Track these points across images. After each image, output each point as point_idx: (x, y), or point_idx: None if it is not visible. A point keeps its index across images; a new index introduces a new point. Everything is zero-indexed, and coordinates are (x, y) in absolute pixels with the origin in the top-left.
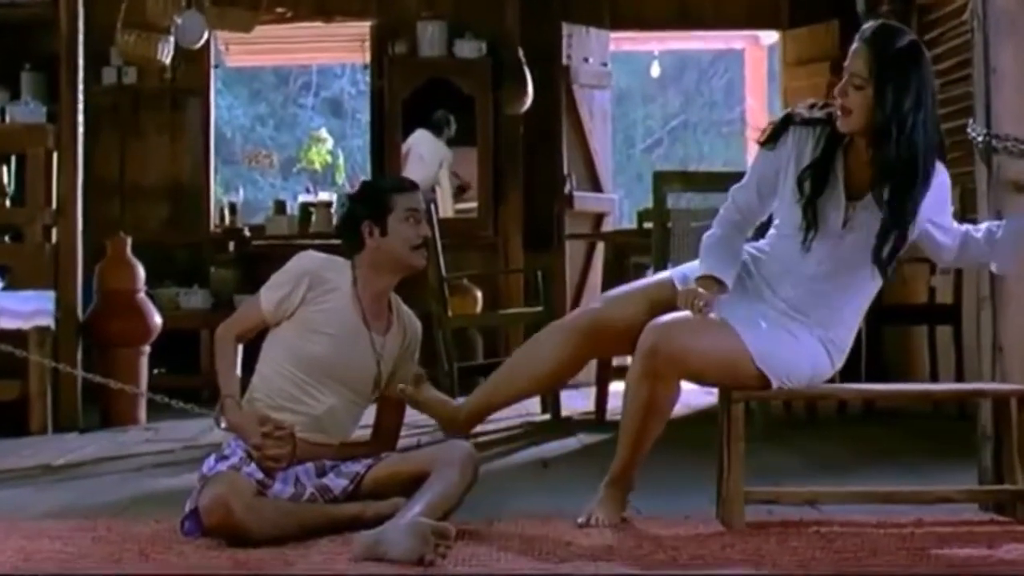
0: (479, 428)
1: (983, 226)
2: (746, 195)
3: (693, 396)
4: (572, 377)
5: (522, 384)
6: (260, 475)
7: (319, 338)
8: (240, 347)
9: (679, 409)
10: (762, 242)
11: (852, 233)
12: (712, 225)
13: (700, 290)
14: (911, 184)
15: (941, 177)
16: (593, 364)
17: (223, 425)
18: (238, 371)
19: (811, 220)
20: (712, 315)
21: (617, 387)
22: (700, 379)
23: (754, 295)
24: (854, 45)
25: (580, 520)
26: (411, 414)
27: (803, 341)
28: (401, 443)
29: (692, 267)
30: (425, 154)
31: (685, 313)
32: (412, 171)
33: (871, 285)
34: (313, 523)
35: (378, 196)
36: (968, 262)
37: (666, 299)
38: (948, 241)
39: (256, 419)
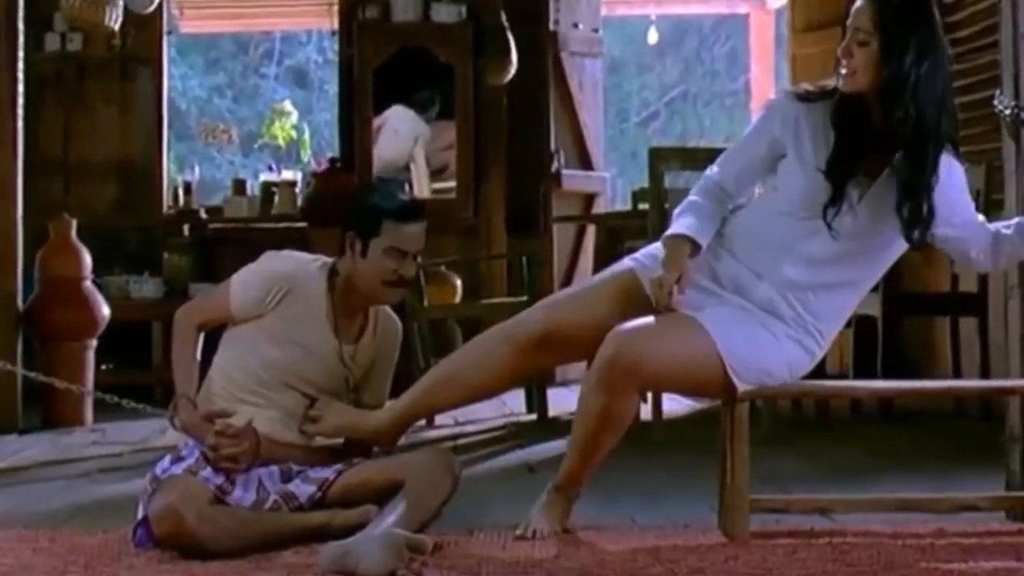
0: (458, 430)
1: (1013, 221)
2: (735, 168)
3: None
4: (508, 389)
5: (460, 393)
6: (219, 480)
7: (285, 345)
8: (200, 337)
9: (677, 408)
10: (735, 225)
11: (869, 210)
12: (689, 194)
13: (666, 276)
14: (924, 142)
15: (953, 172)
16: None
17: (178, 426)
18: (196, 364)
19: (838, 195)
20: (680, 301)
21: None
22: (662, 390)
23: (731, 287)
24: (857, 3)
25: (518, 532)
26: None
27: (781, 340)
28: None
29: (651, 251)
30: (400, 128)
31: (648, 320)
32: (384, 147)
33: (877, 268)
34: (276, 533)
35: (369, 214)
36: (1006, 262)
37: (627, 292)
38: (973, 239)
39: (203, 416)
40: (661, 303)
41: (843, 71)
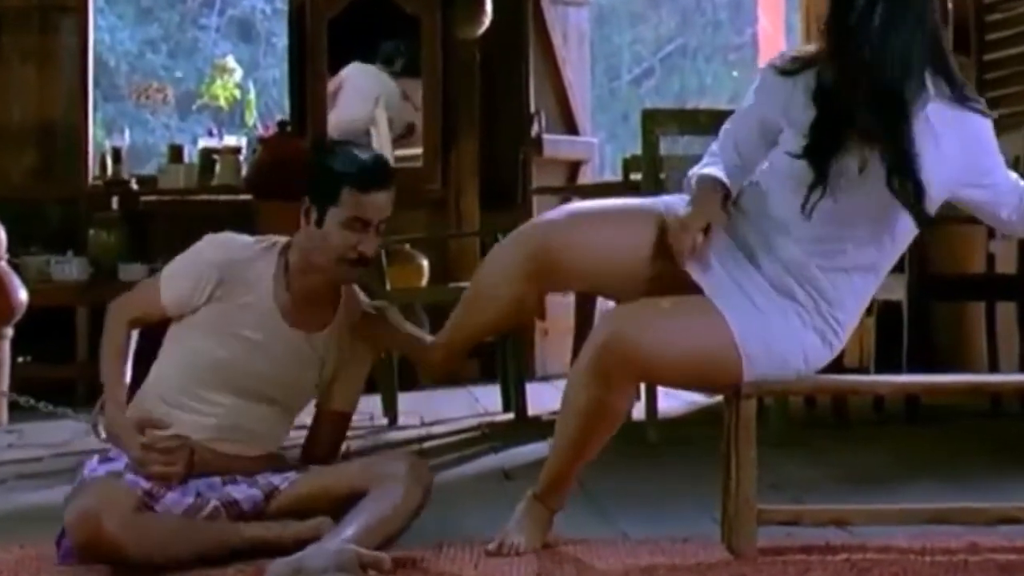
0: (424, 431)
1: None
2: (730, 148)
3: None
4: (540, 306)
5: (488, 315)
6: (147, 485)
7: (227, 341)
8: (133, 334)
9: (675, 405)
10: (744, 197)
11: (870, 180)
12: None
13: (693, 219)
14: (885, 104)
15: (969, 128)
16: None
17: (103, 435)
18: (126, 364)
19: (820, 178)
20: (701, 257)
21: None
22: (663, 382)
23: (744, 260)
24: None
25: (490, 547)
26: None
27: (797, 325)
28: None
29: (674, 200)
30: (359, 89)
31: (649, 300)
32: (343, 110)
33: (893, 247)
34: (214, 544)
35: (327, 179)
36: None
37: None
38: (1005, 200)
39: (134, 424)
40: (682, 249)
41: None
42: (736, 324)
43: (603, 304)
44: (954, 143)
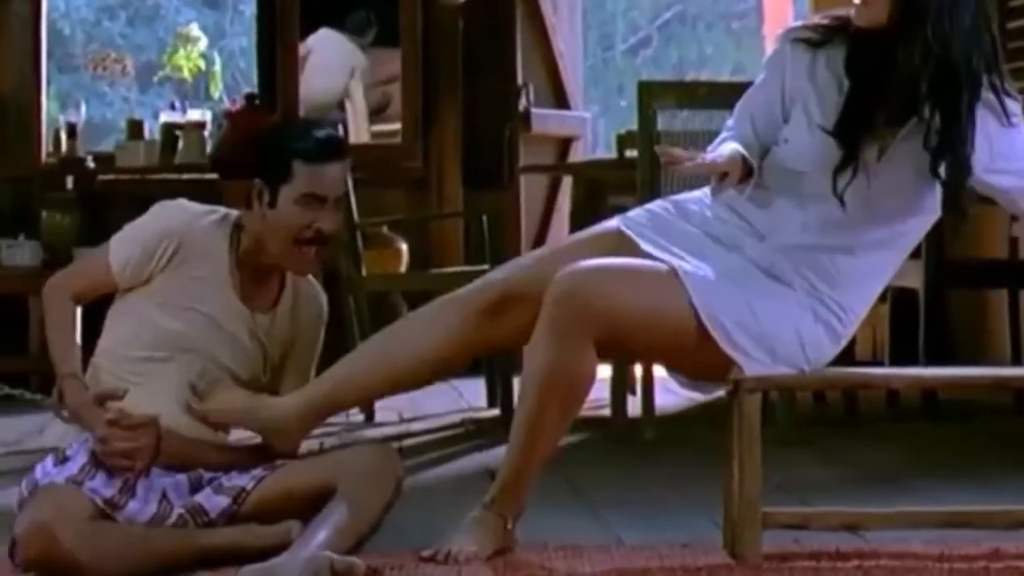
0: (403, 428)
1: None
2: (746, 126)
3: None
4: (458, 368)
5: (391, 374)
6: (109, 492)
7: (182, 314)
8: (78, 310)
9: (673, 401)
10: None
11: (890, 166)
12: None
13: (715, 161)
14: (952, 85)
15: (1006, 109)
16: None
17: (65, 414)
18: (76, 339)
19: (850, 158)
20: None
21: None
22: (627, 348)
23: (728, 244)
24: None
25: (425, 553)
26: None
27: (787, 302)
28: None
29: (648, 211)
30: (331, 60)
31: (614, 259)
32: (313, 82)
33: (906, 236)
34: (176, 554)
35: (278, 154)
36: None
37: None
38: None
39: (93, 399)
40: (679, 155)
41: (856, 0)
42: (696, 293)
43: None
44: (987, 128)
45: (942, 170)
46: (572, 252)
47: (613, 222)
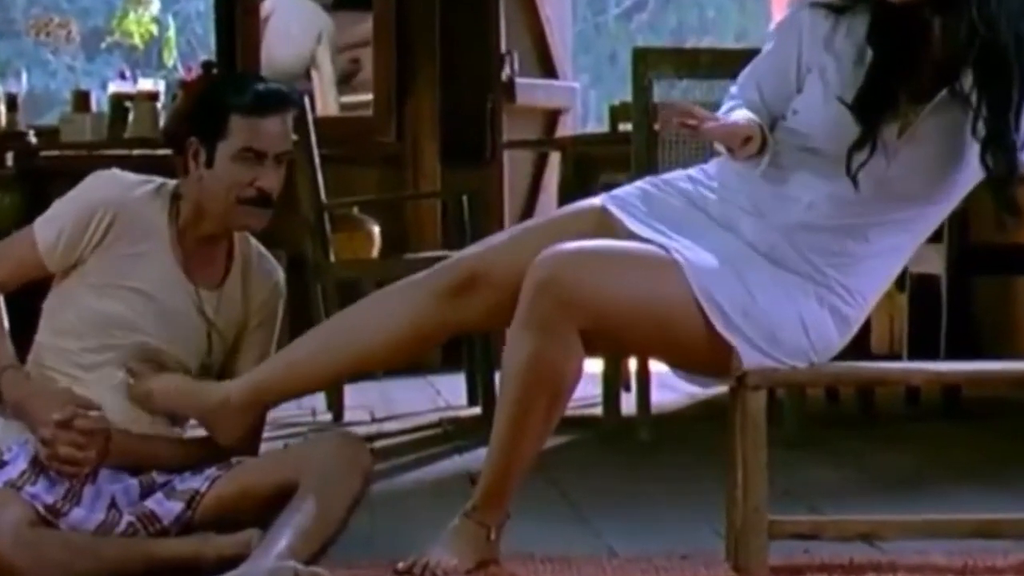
0: (375, 428)
1: None
2: (772, 75)
3: None
4: (418, 356)
5: (346, 356)
6: (50, 498)
7: (121, 294)
8: (1, 299)
9: (671, 399)
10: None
11: (910, 146)
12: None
13: (735, 124)
14: (1000, 71)
15: None
16: None
17: (8, 412)
18: (6, 328)
19: (868, 135)
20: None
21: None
22: (617, 340)
23: (723, 224)
24: None
25: (400, 565)
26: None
27: (788, 287)
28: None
29: (637, 188)
30: (295, 23)
31: (600, 241)
32: (276, 49)
33: (925, 220)
34: (125, 564)
35: (213, 108)
36: None
37: (591, 236)
38: None
39: (54, 397)
40: (694, 114)
41: None
42: (694, 276)
43: None
44: None
45: (990, 160)
46: (549, 231)
47: (596, 200)
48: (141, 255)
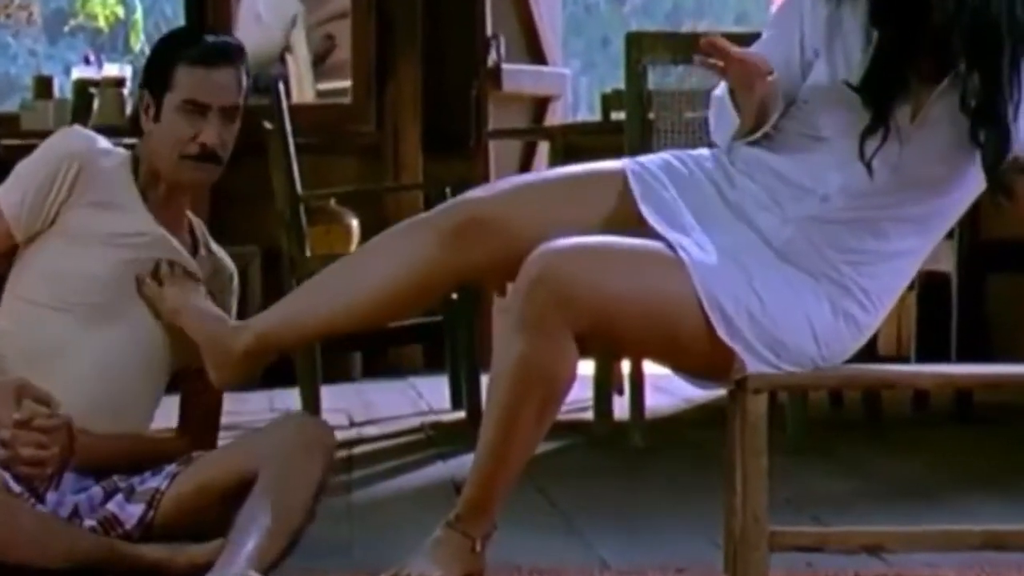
0: (354, 433)
1: None
2: (776, 58)
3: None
4: (427, 302)
5: (346, 300)
6: (18, 488)
7: (98, 251)
8: None
9: (667, 403)
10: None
11: (924, 129)
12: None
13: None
14: (990, 43)
15: None
16: None
17: None
18: None
19: (880, 119)
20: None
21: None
22: (616, 340)
23: (737, 214)
24: None
25: None
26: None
27: (799, 290)
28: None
29: (659, 159)
30: (263, 8)
31: (600, 238)
32: (247, 29)
33: (942, 216)
34: (96, 556)
35: (160, 61)
36: None
37: (609, 200)
38: None
39: (12, 391)
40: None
41: None
42: (699, 274)
43: None
44: None
45: (981, 136)
46: (562, 192)
47: (619, 163)
48: (111, 204)
